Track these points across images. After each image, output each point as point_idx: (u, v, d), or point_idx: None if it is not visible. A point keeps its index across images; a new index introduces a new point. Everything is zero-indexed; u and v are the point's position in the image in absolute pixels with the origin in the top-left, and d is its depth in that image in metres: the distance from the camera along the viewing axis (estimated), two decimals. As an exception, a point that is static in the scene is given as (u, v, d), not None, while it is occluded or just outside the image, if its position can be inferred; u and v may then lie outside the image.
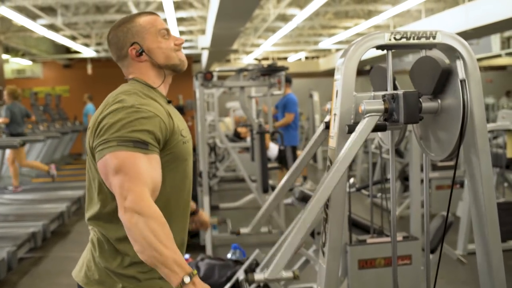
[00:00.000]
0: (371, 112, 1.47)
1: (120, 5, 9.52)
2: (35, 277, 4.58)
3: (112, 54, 1.72)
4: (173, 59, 1.70)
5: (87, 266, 1.65)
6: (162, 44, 1.68)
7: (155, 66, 1.68)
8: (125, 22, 1.68)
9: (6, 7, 7.96)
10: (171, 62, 1.70)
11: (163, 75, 1.71)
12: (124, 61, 1.70)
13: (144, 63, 1.68)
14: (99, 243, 1.63)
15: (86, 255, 1.68)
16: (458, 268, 4.05)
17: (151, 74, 1.69)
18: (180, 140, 1.62)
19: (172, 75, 1.74)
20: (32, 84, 14.88)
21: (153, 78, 1.69)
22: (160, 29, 1.68)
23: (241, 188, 7.76)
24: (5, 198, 6.98)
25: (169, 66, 1.70)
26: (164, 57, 1.68)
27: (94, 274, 1.62)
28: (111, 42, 1.70)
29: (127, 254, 1.58)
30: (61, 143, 11.15)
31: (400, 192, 6.25)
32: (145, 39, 1.66)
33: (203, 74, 4.95)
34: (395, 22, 11.48)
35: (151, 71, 1.69)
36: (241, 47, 14.31)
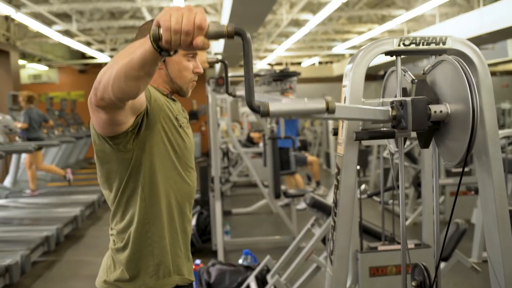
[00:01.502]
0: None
1: (134, 11, 9.59)
2: (48, 280, 4.61)
3: None
4: (184, 82, 1.69)
5: (107, 271, 1.67)
6: (182, 62, 1.67)
7: (167, 77, 1.68)
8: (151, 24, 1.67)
9: (22, 14, 8.06)
10: (180, 82, 1.69)
11: (170, 89, 1.71)
12: None
13: (158, 71, 1.67)
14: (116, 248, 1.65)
15: (106, 261, 1.70)
16: (472, 276, 3.99)
17: (160, 81, 1.69)
18: (170, 120, 1.63)
19: (174, 94, 1.74)
20: (48, 89, 15.05)
21: (161, 87, 1.70)
22: None
23: (254, 193, 7.76)
24: (19, 202, 7.04)
25: (177, 86, 1.70)
26: (178, 74, 1.68)
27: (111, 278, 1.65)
28: (138, 36, 1.65)
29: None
30: (76, 148, 11.25)
31: (414, 198, 6.19)
32: None
33: (215, 79, 4.97)
34: (409, 27, 11.41)
35: (160, 79, 1.69)
36: (255, 52, 14.32)
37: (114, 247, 1.65)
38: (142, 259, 1.62)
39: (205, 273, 3.84)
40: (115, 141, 1.51)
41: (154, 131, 1.59)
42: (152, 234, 1.62)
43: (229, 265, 3.98)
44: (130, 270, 1.62)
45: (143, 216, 1.60)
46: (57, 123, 10.33)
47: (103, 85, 1.25)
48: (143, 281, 1.62)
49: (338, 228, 1.61)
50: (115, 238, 1.66)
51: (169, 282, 1.64)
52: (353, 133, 1.53)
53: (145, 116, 1.54)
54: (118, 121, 1.43)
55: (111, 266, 1.66)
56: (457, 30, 8.33)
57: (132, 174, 1.59)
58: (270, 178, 5.56)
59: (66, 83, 15.63)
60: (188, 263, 1.74)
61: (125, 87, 1.24)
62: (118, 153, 1.55)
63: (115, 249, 1.65)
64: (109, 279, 1.65)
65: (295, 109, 1.28)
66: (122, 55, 1.22)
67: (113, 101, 1.29)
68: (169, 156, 1.64)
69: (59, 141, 7.82)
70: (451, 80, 1.49)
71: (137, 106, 1.46)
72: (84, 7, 8.72)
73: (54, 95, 13.56)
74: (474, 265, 3.38)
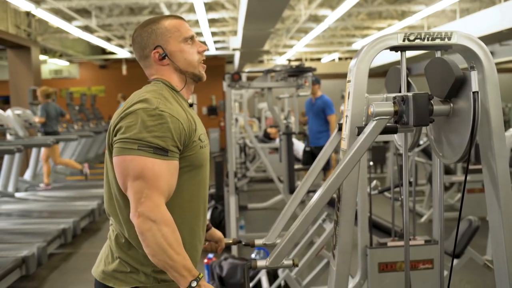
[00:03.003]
0: (380, 115, 1.46)
1: (153, 7, 9.66)
2: (64, 272, 4.69)
3: (134, 53, 1.75)
4: (194, 67, 1.71)
5: (104, 261, 1.68)
6: (185, 49, 1.69)
7: (177, 70, 1.70)
8: (151, 23, 1.71)
9: (42, 9, 8.18)
10: (191, 69, 1.71)
11: (185, 80, 1.72)
12: (146, 62, 1.72)
13: (166, 67, 1.69)
14: (116, 238, 1.66)
15: (104, 251, 1.72)
16: (485, 274, 3.95)
17: (174, 77, 1.71)
18: (197, 144, 1.64)
19: (193, 83, 1.75)
20: (68, 84, 15.26)
21: (176, 82, 1.71)
22: (184, 34, 1.69)
23: (271, 188, 7.76)
24: (39, 195, 7.17)
25: (189, 73, 1.72)
26: (186, 62, 1.70)
27: (109, 268, 1.65)
28: (135, 40, 1.72)
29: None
30: (95, 142, 11.39)
31: (429, 195, 6.14)
32: (169, 42, 1.68)
33: (231, 75, 4.98)
34: (429, 23, 11.28)
35: (174, 75, 1.71)
36: (274, 48, 14.32)
37: (116, 242, 1.66)
38: (144, 257, 1.61)
39: (217, 267, 3.87)
40: None
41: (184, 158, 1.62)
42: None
43: (241, 259, 4.00)
44: (131, 261, 1.63)
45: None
46: (77, 118, 10.46)
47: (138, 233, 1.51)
48: (146, 277, 1.62)
49: (341, 223, 1.61)
50: (115, 229, 1.67)
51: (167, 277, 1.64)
52: (356, 128, 1.53)
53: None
54: None
55: (108, 256, 1.67)
56: (478, 26, 8.21)
57: None
58: (285, 174, 5.57)
59: (86, 78, 15.82)
60: (196, 255, 1.73)
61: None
62: None
63: (117, 244, 1.65)
64: (107, 269, 1.65)
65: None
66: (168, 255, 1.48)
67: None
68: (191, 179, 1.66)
69: (77, 136, 7.93)
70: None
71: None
72: (103, 3, 8.82)
73: (75, 90, 13.76)
74: (487, 263, 3.34)
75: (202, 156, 1.67)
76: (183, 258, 1.50)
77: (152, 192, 1.49)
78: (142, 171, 1.49)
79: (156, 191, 1.50)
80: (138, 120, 1.52)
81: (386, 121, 1.46)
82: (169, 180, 1.53)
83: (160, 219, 1.48)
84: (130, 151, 1.51)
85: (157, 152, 1.51)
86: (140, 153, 1.50)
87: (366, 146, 1.48)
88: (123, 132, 1.53)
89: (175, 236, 1.50)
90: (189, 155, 1.62)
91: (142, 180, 1.49)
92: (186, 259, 1.50)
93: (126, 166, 1.51)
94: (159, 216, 1.48)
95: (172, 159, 1.55)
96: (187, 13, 9.52)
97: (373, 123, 1.46)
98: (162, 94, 1.62)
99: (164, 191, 1.52)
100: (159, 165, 1.51)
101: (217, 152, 12.70)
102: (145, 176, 1.49)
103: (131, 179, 1.50)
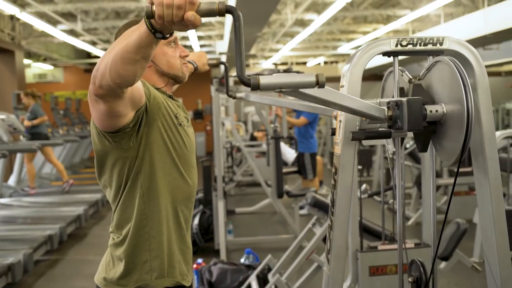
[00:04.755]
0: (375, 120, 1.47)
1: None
2: (50, 279, 4.63)
3: None
4: (176, 69, 1.73)
5: (106, 268, 1.69)
6: (167, 52, 1.71)
7: (158, 72, 1.72)
8: (135, 23, 1.70)
9: (27, 13, 8.10)
10: (173, 71, 1.73)
11: (166, 82, 1.74)
12: None
13: (148, 68, 1.69)
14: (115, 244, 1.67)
15: (105, 258, 1.72)
16: (473, 276, 3.99)
17: (154, 78, 1.72)
18: (170, 117, 1.65)
19: (174, 84, 1.77)
20: (53, 88, 15.11)
21: (156, 82, 1.73)
22: None
23: (258, 192, 7.77)
24: (23, 201, 7.08)
25: (171, 75, 1.73)
26: (167, 65, 1.71)
27: (109, 274, 1.66)
28: (120, 31, 1.73)
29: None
30: (81, 147, 11.29)
31: (416, 198, 6.19)
32: None
33: (218, 79, 4.98)
34: (414, 27, 11.39)
35: (154, 76, 1.72)
36: (260, 52, 14.34)
37: (113, 243, 1.67)
38: (139, 254, 1.63)
39: (207, 272, 3.86)
40: (114, 138, 1.53)
41: (154, 128, 1.61)
42: (150, 229, 1.63)
43: (230, 264, 3.99)
44: (127, 264, 1.63)
45: (141, 211, 1.62)
46: (62, 122, 10.37)
47: (101, 72, 1.29)
48: (139, 275, 1.63)
49: (335, 227, 1.62)
50: (113, 234, 1.68)
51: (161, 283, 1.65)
52: (350, 133, 1.53)
53: (144, 113, 1.56)
54: (118, 113, 1.45)
55: (110, 263, 1.68)
56: (462, 30, 8.31)
57: (131, 171, 1.61)
58: (273, 178, 5.58)
59: (71, 82, 15.69)
60: (184, 262, 1.73)
61: (122, 71, 1.27)
62: (119, 151, 1.57)
63: (113, 244, 1.67)
64: (108, 276, 1.66)
65: (285, 82, 1.27)
66: (118, 41, 1.27)
67: (112, 88, 1.32)
68: (169, 153, 1.66)
69: (63, 140, 7.86)
70: (447, 81, 1.50)
71: (136, 99, 1.48)
72: (89, 7, 8.76)
73: (59, 94, 13.63)
74: (475, 265, 3.38)
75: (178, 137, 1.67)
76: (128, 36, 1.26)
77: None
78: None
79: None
80: None
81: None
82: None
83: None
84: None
85: None
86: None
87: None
88: None
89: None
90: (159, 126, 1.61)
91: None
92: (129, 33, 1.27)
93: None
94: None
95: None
96: (173, 17, 9.50)
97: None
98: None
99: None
100: None
101: (204, 156, 12.67)
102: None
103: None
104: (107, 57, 1.27)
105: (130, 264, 1.63)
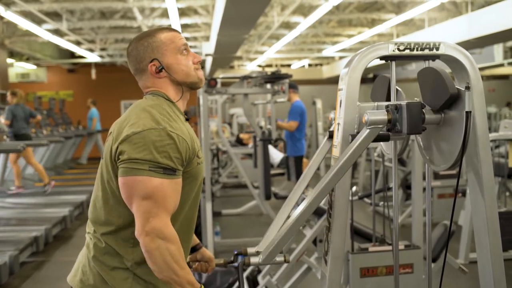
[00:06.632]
0: (375, 123, 1.49)
1: (125, 11, 9.57)
2: (36, 281, 4.59)
3: (130, 66, 1.74)
4: (192, 77, 1.72)
5: (82, 271, 1.67)
6: (181, 61, 1.69)
7: (173, 82, 1.70)
8: (147, 36, 1.70)
9: (12, 12, 8.01)
10: (189, 79, 1.71)
11: (181, 91, 1.72)
12: (142, 75, 1.71)
13: (163, 79, 1.69)
14: (95, 248, 1.64)
15: (81, 260, 1.70)
16: (459, 277, 4.05)
17: (170, 89, 1.70)
18: (196, 160, 1.66)
19: (189, 91, 1.76)
20: (36, 88, 14.95)
21: (172, 94, 1.71)
22: (180, 46, 1.70)
23: (244, 194, 7.78)
24: (7, 202, 6.99)
25: (188, 84, 1.72)
26: (183, 74, 1.70)
27: (89, 278, 1.64)
28: (131, 54, 1.71)
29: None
30: (64, 148, 11.19)
31: (402, 200, 6.25)
32: (165, 55, 1.68)
33: (207, 80, 4.97)
34: (398, 31, 11.50)
35: (170, 87, 1.70)
36: (245, 54, 14.35)
37: (92, 245, 1.65)
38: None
39: (196, 274, 3.85)
40: None
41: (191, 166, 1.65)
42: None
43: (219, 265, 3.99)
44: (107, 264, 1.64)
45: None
46: (45, 123, 10.26)
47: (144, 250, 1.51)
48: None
49: (333, 229, 1.64)
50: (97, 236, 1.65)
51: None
52: (349, 136, 1.56)
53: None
54: None
55: (86, 265, 1.67)
56: (446, 35, 8.43)
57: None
58: (260, 180, 5.59)
59: (54, 82, 15.53)
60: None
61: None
62: None
63: (93, 247, 1.65)
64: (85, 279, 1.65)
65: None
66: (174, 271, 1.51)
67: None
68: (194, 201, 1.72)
69: (47, 141, 7.77)
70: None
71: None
72: (75, 6, 8.68)
73: (42, 94, 13.48)
74: (462, 266, 3.43)
75: (199, 172, 1.70)
76: (186, 272, 1.53)
77: (161, 211, 1.52)
78: (152, 192, 1.51)
79: (164, 210, 1.53)
80: (148, 140, 1.52)
81: (379, 129, 1.50)
82: (175, 197, 1.57)
83: (168, 237, 1.51)
84: (140, 171, 1.51)
85: (166, 173, 1.53)
86: (151, 174, 1.51)
87: (359, 152, 1.51)
88: (132, 152, 1.52)
89: (180, 252, 1.53)
90: (190, 172, 1.64)
91: (152, 200, 1.51)
92: (189, 273, 1.55)
93: (135, 186, 1.52)
94: (167, 234, 1.51)
95: (178, 177, 1.58)
96: (160, 18, 9.47)
97: (367, 131, 1.49)
98: (165, 109, 1.63)
99: (170, 209, 1.55)
100: (167, 185, 1.54)
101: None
102: (155, 196, 1.51)
103: (139, 199, 1.52)
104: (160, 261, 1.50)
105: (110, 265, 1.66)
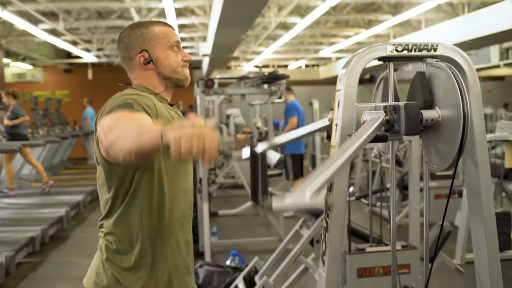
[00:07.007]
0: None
1: (121, 11, 9.56)
2: (33, 282, 4.57)
3: (119, 53, 1.75)
4: (178, 73, 1.73)
5: (96, 272, 1.67)
6: (170, 57, 1.71)
7: (159, 75, 1.72)
8: (141, 26, 1.71)
9: (8, 12, 7.99)
10: (175, 75, 1.73)
11: (165, 85, 1.74)
12: (129, 64, 1.72)
13: (150, 71, 1.71)
14: (107, 249, 1.65)
15: (95, 262, 1.70)
16: (456, 278, 4.06)
17: (155, 82, 1.72)
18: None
19: (174, 88, 1.77)
20: (32, 88, 14.91)
21: (157, 86, 1.73)
22: (172, 42, 1.71)
23: (241, 194, 7.77)
24: (3, 202, 6.97)
25: (173, 79, 1.74)
26: (170, 69, 1.71)
27: (103, 280, 1.64)
28: (122, 40, 1.72)
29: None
30: (60, 148, 11.16)
31: (398, 201, 6.26)
32: (155, 48, 1.69)
33: (204, 81, 4.98)
34: (395, 32, 11.53)
35: (156, 80, 1.72)
36: (242, 54, 14.35)
37: (113, 249, 1.64)
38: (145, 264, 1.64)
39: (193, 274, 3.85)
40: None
41: None
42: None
43: (217, 266, 4.00)
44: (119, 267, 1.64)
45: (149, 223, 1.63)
46: (41, 123, 10.23)
47: (114, 153, 1.36)
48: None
49: (331, 229, 1.64)
50: (113, 238, 1.66)
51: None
52: (347, 137, 1.56)
53: None
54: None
55: (100, 267, 1.66)
56: (443, 36, 8.45)
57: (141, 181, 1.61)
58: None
59: (50, 82, 15.50)
60: (186, 275, 1.77)
61: (136, 159, 1.33)
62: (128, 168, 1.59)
63: (113, 251, 1.64)
64: (99, 281, 1.65)
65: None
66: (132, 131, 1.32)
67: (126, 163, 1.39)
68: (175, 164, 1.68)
69: (44, 141, 7.75)
70: (443, 86, 1.53)
71: None
72: (71, 6, 8.68)
73: (39, 94, 13.45)
74: (458, 267, 3.44)
75: None
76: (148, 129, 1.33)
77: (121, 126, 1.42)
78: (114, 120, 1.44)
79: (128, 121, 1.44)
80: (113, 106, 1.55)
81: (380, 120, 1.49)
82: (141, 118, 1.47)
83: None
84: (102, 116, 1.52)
85: (125, 107, 1.52)
86: (110, 112, 1.50)
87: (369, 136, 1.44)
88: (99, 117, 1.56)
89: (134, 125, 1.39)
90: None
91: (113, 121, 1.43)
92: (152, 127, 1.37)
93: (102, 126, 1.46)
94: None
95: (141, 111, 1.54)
96: (157, 18, 9.46)
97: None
98: (138, 93, 1.64)
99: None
100: (130, 113, 1.49)
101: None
102: (116, 118, 1.44)
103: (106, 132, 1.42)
104: (120, 143, 1.32)
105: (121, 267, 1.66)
